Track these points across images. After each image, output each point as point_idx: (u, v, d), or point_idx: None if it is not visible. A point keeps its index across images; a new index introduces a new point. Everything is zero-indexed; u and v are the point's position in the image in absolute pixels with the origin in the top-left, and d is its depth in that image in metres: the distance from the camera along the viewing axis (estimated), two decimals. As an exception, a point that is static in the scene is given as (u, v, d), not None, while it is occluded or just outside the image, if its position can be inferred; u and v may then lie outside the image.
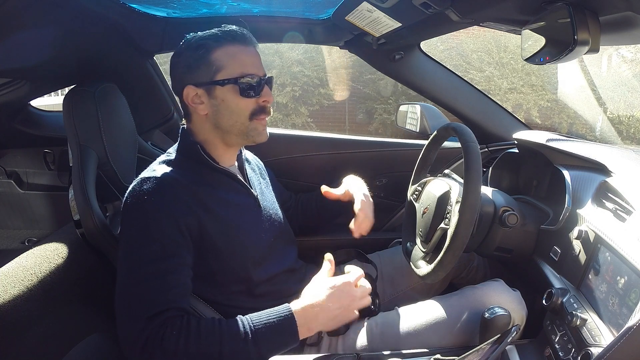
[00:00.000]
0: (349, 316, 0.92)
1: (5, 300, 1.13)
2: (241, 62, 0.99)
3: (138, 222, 0.92)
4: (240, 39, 1.00)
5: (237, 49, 0.99)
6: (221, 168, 1.05)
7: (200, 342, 0.82)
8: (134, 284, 0.87)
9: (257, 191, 1.12)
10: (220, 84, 0.98)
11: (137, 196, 0.92)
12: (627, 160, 1.05)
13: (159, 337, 0.81)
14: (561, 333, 0.85)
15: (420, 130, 1.61)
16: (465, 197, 0.94)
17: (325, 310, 0.89)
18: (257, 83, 0.99)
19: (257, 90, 1.00)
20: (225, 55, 0.98)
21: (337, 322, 0.91)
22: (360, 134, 2.73)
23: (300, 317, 0.88)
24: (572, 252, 0.93)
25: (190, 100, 1.00)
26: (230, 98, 0.99)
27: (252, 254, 1.03)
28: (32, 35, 1.07)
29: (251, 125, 1.01)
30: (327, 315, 0.89)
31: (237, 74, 0.98)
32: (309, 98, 6.93)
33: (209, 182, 1.02)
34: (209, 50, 0.98)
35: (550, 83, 6.82)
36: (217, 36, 0.99)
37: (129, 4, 1.29)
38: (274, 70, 6.70)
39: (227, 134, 1.03)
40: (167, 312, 0.84)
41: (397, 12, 1.13)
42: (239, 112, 1.00)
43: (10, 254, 1.38)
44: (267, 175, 1.28)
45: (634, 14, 0.74)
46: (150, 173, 0.96)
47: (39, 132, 1.84)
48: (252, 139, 1.04)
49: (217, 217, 0.98)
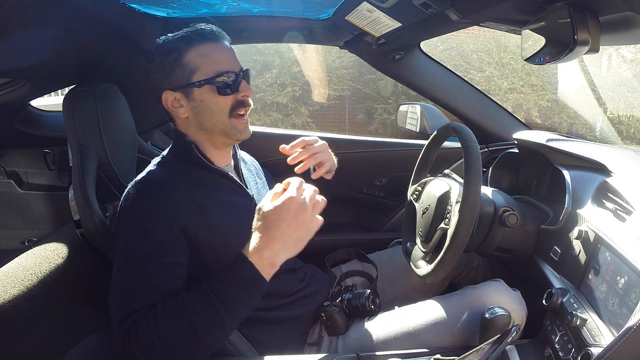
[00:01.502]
0: (312, 229, 0.84)
1: (5, 300, 1.13)
2: (215, 61, 0.97)
3: (132, 225, 0.91)
4: (210, 36, 0.99)
5: (209, 48, 0.98)
6: (216, 168, 1.04)
7: (169, 322, 0.80)
8: (122, 285, 0.87)
9: (253, 191, 1.12)
10: (196, 86, 0.97)
11: (131, 199, 0.93)
12: (627, 160, 1.05)
13: (133, 330, 0.80)
14: (561, 333, 0.85)
15: (420, 130, 1.62)
16: (465, 197, 0.94)
17: (281, 239, 0.81)
18: (234, 79, 0.98)
19: (235, 86, 0.99)
20: (197, 55, 0.97)
21: (301, 243, 0.84)
22: (360, 134, 2.73)
23: (257, 258, 0.82)
24: (572, 252, 0.93)
25: (170, 105, 1.00)
26: (209, 98, 0.98)
27: None
28: (32, 35, 1.07)
29: (231, 123, 1.00)
30: (285, 242, 0.82)
31: (212, 73, 0.97)
32: (309, 98, 6.93)
33: (204, 183, 1.01)
34: (182, 53, 0.97)
35: (550, 83, 6.82)
36: (187, 37, 0.98)
37: (129, 4, 1.29)
38: (274, 70, 6.70)
39: (211, 134, 1.02)
40: (143, 309, 0.83)
41: (397, 12, 1.13)
42: (219, 111, 0.99)
43: (10, 254, 1.38)
44: (263, 176, 1.27)
45: (634, 14, 0.74)
46: (144, 176, 0.97)
47: (39, 132, 1.84)
48: (234, 137, 1.03)
49: (212, 218, 0.97)
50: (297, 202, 0.82)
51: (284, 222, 0.81)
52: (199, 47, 0.97)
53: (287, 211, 0.81)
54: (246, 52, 6.43)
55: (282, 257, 0.82)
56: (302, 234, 0.82)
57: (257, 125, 1.81)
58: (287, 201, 0.82)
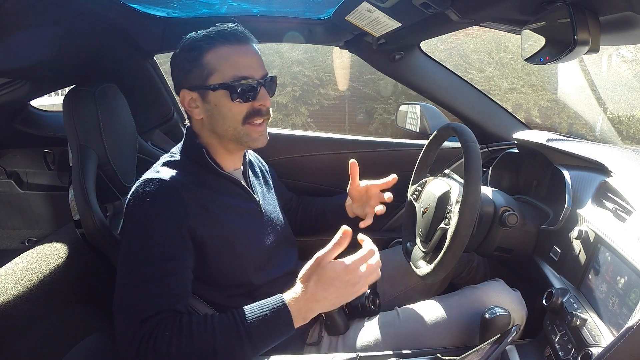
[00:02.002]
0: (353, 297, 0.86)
1: (5, 300, 1.13)
2: (234, 65, 0.94)
3: (139, 224, 0.91)
4: (233, 38, 0.95)
5: (230, 50, 0.95)
6: (225, 173, 1.03)
7: (192, 340, 0.81)
8: (131, 286, 0.86)
9: (259, 196, 1.11)
10: (211, 89, 0.94)
11: (140, 198, 0.91)
12: (627, 160, 1.05)
13: (152, 339, 0.80)
14: (561, 333, 0.85)
15: (420, 130, 1.61)
16: (465, 197, 0.94)
17: (322, 302, 0.84)
18: (251, 87, 0.95)
19: (252, 94, 0.95)
20: (217, 57, 0.94)
21: (338, 305, 0.86)
22: (360, 134, 2.73)
23: (294, 308, 0.84)
24: (572, 252, 0.93)
25: (187, 104, 0.98)
26: (223, 103, 0.95)
27: (253, 258, 1.02)
28: (32, 35, 1.07)
29: (243, 130, 0.98)
30: (324, 305, 0.85)
31: (229, 77, 0.93)
32: (309, 98, 6.93)
33: (212, 187, 1.00)
34: (202, 53, 0.94)
35: (550, 83, 6.82)
36: (209, 37, 0.95)
37: (129, 4, 1.29)
38: (274, 70, 6.70)
39: (223, 139, 1.00)
40: (161, 314, 0.83)
41: (397, 12, 1.13)
42: (232, 117, 0.96)
43: (10, 254, 1.37)
44: (269, 178, 1.26)
45: (634, 14, 0.74)
46: (154, 174, 0.95)
47: (39, 132, 1.84)
48: (246, 145, 1.01)
49: (219, 222, 0.96)
50: (355, 274, 0.84)
51: (333, 287, 0.83)
52: (220, 49, 0.94)
53: (339, 279, 0.83)
54: (246, 52, 6.42)
55: (314, 314, 0.86)
56: (343, 300, 0.85)
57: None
58: (346, 268, 0.83)
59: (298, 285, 0.87)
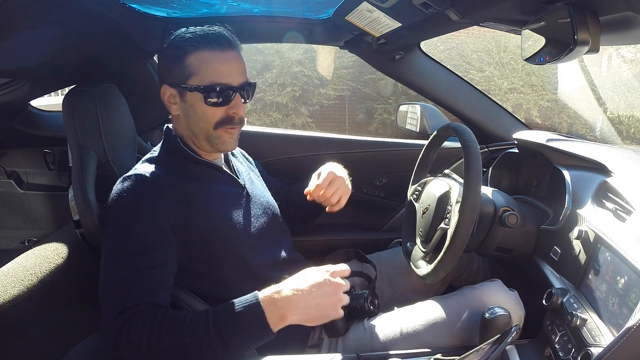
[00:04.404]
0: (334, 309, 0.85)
1: (5, 300, 1.13)
2: (213, 71, 0.96)
3: (118, 219, 0.93)
4: (216, 44, 0.96)
5: (212, 56, 0.96)
6: (205, 160, 1.06)
7: (161, 332, 0.81)
8: (111, 279, 0.88)
9: (244, 180, 1.13)
10: (189, 89, 0.97)
11: (118, 194, 0.94)
12: (627, 160, 1.05)
13: (126, 329, 0.81)
14: (561, 333, 0.85)
15: (420, 130, 1.61)
16: (465, 197, 0.94)
17: (303, 298, 0.82)
18: (225, 93, 0.97)
19: (225, 100, 0.97)
20: (198, 61, 0.96)
21: (320, 312, 0.84)
22: (360, 134, 2.73)
23: (270, 304, 0.82)
24: (572, 252, 0.93)
25: (166, 99, 1.01)
26: (198, 105, 0.98)
27: (242, 240, 1.03)
28: (32, 35, 1.07)
29: (215, 134, 1.00)
30: (305, 302, 0.82)
31: (206, 82, 0.95)
32: (309, 98, 6.93)
33: (193, 175, 1.03)
34: (185, 54, 0.96)
35: (550, 83, 6.82)
36: (195, 39, 0.97)
37: (129, 4, 1.29)
38: (274, 70, 6.70)
39: (197, 138, 1.03)
40: (139, 305, 0.84)
41: (397, 12, 1.13)
42: (205, 120, 0.99)
43: (10, 254, 1.38)
44: (255, 168, 1.28)
45: (634, 14, 0.74)
46: (132, 171, 0.98)
47: (39, 132, 1.84)
48: (216, 147, 1.03)
49: (204, 211, 0.98)
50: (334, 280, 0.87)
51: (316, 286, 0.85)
52: (202, 53, 0.96)
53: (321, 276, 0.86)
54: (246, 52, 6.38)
55: (295, 315, 0.83)
56: (327, 307, 0.85)
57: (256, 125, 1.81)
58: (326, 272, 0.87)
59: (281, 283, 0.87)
